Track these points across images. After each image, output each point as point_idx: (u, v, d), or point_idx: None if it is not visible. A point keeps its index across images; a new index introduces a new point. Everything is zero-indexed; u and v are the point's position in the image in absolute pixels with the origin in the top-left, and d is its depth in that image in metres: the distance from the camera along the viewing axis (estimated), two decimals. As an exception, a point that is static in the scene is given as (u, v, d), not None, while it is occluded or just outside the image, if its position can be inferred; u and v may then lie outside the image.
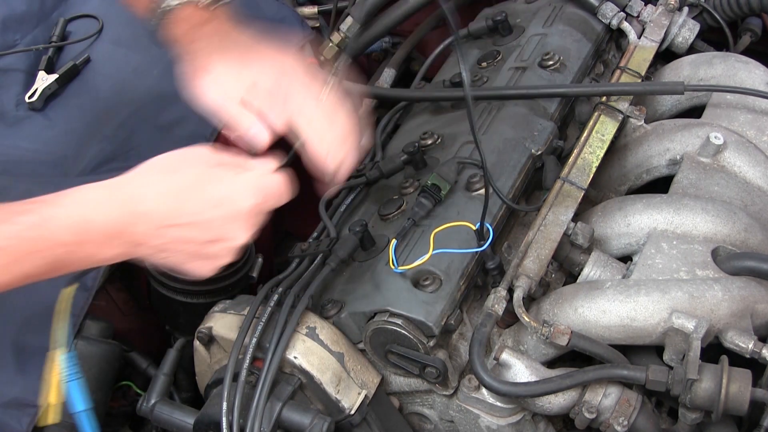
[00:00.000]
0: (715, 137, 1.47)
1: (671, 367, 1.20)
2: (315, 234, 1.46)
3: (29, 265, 0.96)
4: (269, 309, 1.25)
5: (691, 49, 1.75)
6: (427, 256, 1.24)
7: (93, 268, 1.09)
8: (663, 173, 1.54)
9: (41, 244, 0.96)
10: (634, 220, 1.39)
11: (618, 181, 1.59)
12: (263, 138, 1.21)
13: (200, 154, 1.09)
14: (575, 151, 1.47)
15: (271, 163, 1.12)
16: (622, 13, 1.70)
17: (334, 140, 1.22)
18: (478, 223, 1.28)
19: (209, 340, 1.34)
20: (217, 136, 1.55)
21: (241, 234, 1.08)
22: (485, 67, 1.67)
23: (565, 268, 1.42)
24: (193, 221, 1.04)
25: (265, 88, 1.22)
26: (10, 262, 0.95)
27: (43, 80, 1.67)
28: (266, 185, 1.10)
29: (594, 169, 1.45)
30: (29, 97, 1.65)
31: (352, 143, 1.24)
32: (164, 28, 1.22)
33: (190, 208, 1.04)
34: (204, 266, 1.10)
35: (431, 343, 1.24)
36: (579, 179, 1.43)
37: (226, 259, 1.09)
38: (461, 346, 1.32)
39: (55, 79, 1.67)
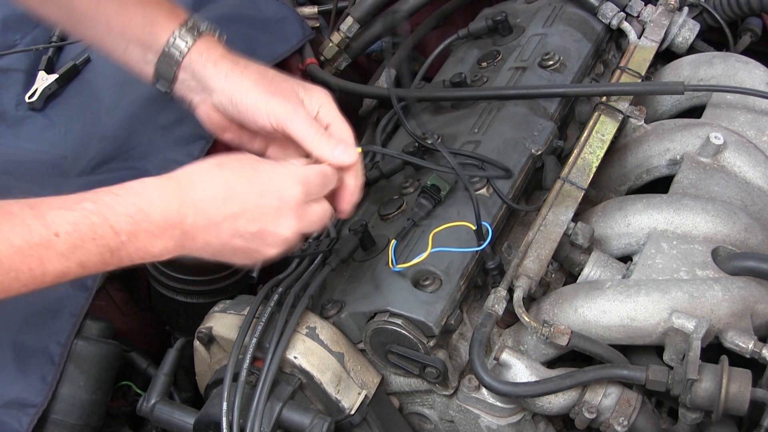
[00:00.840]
0: (715, 137, 1.47)
1: (671, 367, 1.20)
2: (315, 234, 1.46)
3: (85, 253, 0.96)
4: (269, 309, 1.26)
5: (691, 49, 1.75)
6: (425, 255, 1.24)
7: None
8: (663, 173, 1.54)
9: (100, 231, 0.97)
10: (634, 220, 1.39)
11: (618, 181, 1.59)
12: (351, 157, 1.19)
13: (245, 154, 1.12)
14: (575, 151, 1.47)
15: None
16: (622, 13, 1.70)
17: (359, 186, 1.24)
18: (481, 223, 1.28)
19: (209, 340, 1.34)
20: (212, 149, 1.54)
21: (288, 225, 1.10)
22: (485, 67, 1.67)
23: (565, 268, 1.42)
24: (241, 210, 1.06)
25: (312, 110, 1.22)
26: (69, 249, 0.95)
27: (43, 80, 1.67)
28: (310, 177, 1.12)
29: (594, 169, 1.45)
30: (29, 97, 1.65)
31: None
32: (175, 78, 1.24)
33: (238, 197, 1.06)
34: (251, 259, 1.12)
35: (431, 343, 1.24)
36: (579, 179, 1.43)
37: (273, 251, 1.11)
38: (461, 346, 1.32)
39: (55, 79, 1.67)
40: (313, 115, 1.22)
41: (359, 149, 1.23)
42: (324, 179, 1.15)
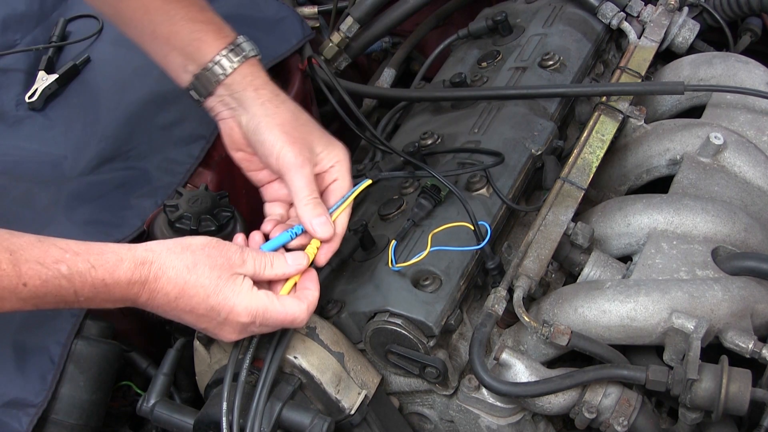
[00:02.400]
0: (715, 137, 1.47)
1: (671, 367, 1.20)
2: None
3: (43, 303, 1.05)
4: (269, 309, 1.25)
5: (691, 49, 1.75)
6: (424, 254, 1.24)
7: None
8: (663, 173, 1.54)
9: (64, 292, 1.05)
10: (634, 220, 1.39)
11: (618, 181, 1.59)
12: (326, 233, 1.22)
13: (227, 253, 1.14)
14: (575, 151, 1.47)
15: (298, 265, 1.19)
16: (622, 13, 1.70)
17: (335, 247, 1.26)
18: (480, 223, 1.28)
19: (209, 340, 1.34)
20: (212, 149, 1.54)
21: (229, 336, 1.17)
22: (485, 67, 1.67)
23: (565, 268, 1.42)
24: (189, 310, 1.13)
25: (325, 165, 1.26)
26: (30, 296, 1.03)
27: (43, 80, 1.67)
28: (268, 315, 1.14)
29: (594, 169, 1.45)
30: (29, 97, 1.65)
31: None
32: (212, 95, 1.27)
33: (190, 303, 1.12)
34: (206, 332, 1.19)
35: (431, 343, 1.24)
36: (579, 179, 1.43)
37: (226, 337, 1.17)
38: (461, 346, 1.32)
39: (55, 79, 1.66)
40: (325, 169, 1.26)
41: (368, 181, 1.28)
42: (282, 322, 1.16)
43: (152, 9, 1.24)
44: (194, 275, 1.11)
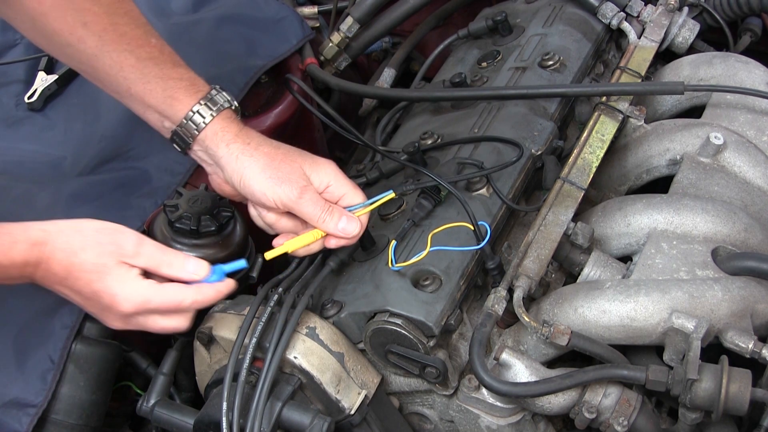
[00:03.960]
0: (715, 137, 1.47)
1: (671, 367, 1.20)
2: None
3: None
4: (269, 309, 1.25)
5: (691, 49, 1.75)
6: (424, 253, 1.25)
7: None
8: (663, 173, 1.54)
9: None
10: (634, 220, 1.39)
11: (618, 181, 1.59)
12: (356, 228, 1.25)
13: (119, 241, 1.18)
14: (575, 151, 1.47)
15: (194, 275, 1.21)
16: (622, 13, 1.70)
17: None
18: (480, 223, 1.28)
19: (209, 340, 1.34)
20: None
21: (114, 323, 1.21)
22: (485, 67, 1.67)
23: (565, 268, 1.42)
24: (77, 293, 1.18)
25: (321, 185, 1.26)
26: None
27: (43, 80, 1.67)
28: (153, 301, 1.18)
29: (594, 169, 1.45)
30: (29, 98, 1.65)
31: None
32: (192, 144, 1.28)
33: (78, 287, 1.17)
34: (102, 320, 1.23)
35: (431, 343, 1.24)
36: (579, 179, 1.43)
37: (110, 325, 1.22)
38: (461, 346, 1.32)
39: (55, 80, 1.67)
40: (321, 190, 1.26)
41: (392, 194, 1.28)
42: (172, 305, 1.19)
43: (126, 67, 1.25)
44: (80, 258, 1.15)
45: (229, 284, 1.24)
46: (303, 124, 1.75)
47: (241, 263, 1.26)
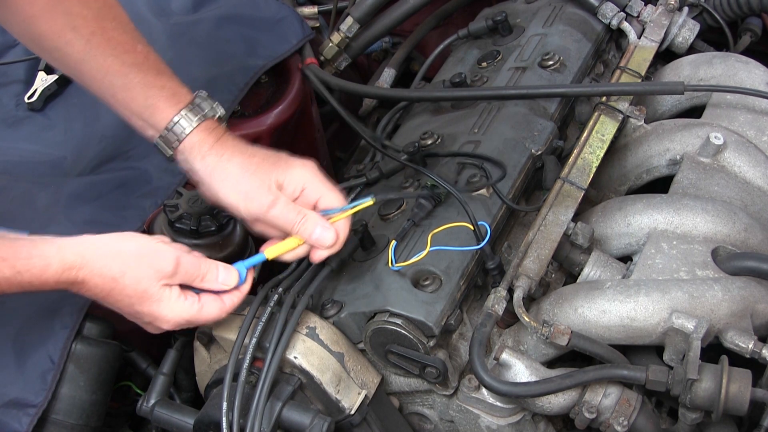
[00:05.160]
0: (715, 137, 1.47)
1: (671, 367, 1.20)
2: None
3: None
4: (269, 309, 1.25)
5: (691, 49, 1.75)
6: (424, 253, 1.25)
7: None
8: (663, 173, 1.54)
9: (3, 284, 1.10)
10: (634, 220, 1.39)
11: (618, 181, 1.59)
12: (330, 238, 1.23)
13: (159, 264, 1.17)
14: (575, 151, 1.47)
15: (224, 285, 1.22)
16: (622, 13, 1.70)
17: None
18: (480, 223, 1.28)
19: (209, 340, 1.34)
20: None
21: (156, 332, 1.23)
22: (485, 67, 1.67)
23: (565, 268, 1.42)
24: (118, 310, 1.20)
25: (295, 191, 1.25)
26: None
27: (43, 81, 1.67)
28: (195, 320, 1.21)
29: (594, 169, 1.45)
30: (29, 98, 1.65)
31: None
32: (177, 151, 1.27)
33: (118, 306, 1.18)
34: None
35: (431, 343, 1.24)
36: (579, 179, 1.43)
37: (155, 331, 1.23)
38: (461, 346, 1.32)
39: (55, 80, 1.67)
40: (296, 195, 1.25)
41: (370, 200, 1.25)
42: (209, 321, 1.22)
43: (111, 72, 1.25)
44: (120, 284, 1.15)
45: (249, 282, 1.25)
46: (303, 124, 1.75)
47: (260, 256, 1.25)
